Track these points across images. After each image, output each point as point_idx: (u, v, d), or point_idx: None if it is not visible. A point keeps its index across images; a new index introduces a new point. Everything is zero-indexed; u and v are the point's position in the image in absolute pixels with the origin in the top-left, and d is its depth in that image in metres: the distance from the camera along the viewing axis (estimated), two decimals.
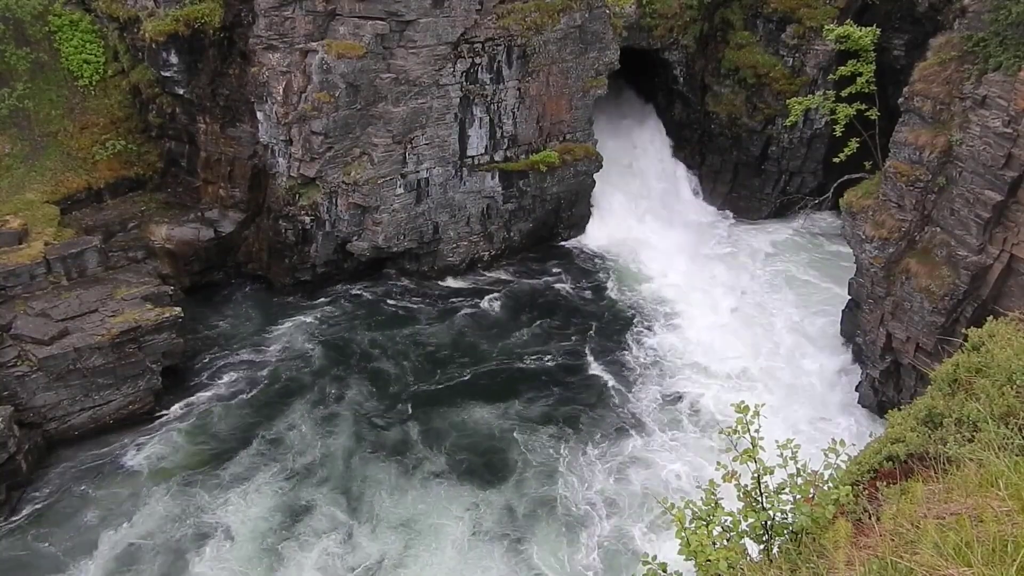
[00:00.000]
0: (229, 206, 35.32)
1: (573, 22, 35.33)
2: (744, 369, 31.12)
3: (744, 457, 6.53)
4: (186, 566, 23.05)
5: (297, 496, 25.46)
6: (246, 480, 25.93)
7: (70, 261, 29.20)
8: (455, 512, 24.95)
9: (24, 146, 32.59)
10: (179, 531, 24.08)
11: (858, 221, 27.40)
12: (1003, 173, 22.74)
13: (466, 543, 23.87)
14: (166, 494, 25.32)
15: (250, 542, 23.85)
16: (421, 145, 33.86)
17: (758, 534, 6.30)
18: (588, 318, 34.67)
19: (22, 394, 26.21)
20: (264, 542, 23.86)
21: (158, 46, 32.45)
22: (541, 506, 25.05)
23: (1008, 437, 6.49)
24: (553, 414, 28.97)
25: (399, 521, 24.61)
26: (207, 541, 23.80)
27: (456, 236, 36.99)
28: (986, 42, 23.49)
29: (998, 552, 4.64)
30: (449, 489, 25.80)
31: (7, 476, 24.57)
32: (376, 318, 34.43)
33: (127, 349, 27.63)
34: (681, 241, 39.87)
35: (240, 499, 25.24)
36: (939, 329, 24.83)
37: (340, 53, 31.20)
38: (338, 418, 28.74)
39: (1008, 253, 23.31)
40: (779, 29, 37.89)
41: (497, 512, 24.95)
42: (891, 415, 8.61)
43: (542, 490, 25.63)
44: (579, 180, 38.73)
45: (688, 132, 42.93)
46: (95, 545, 23.54)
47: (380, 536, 24.13)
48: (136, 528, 24.19)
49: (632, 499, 25.36)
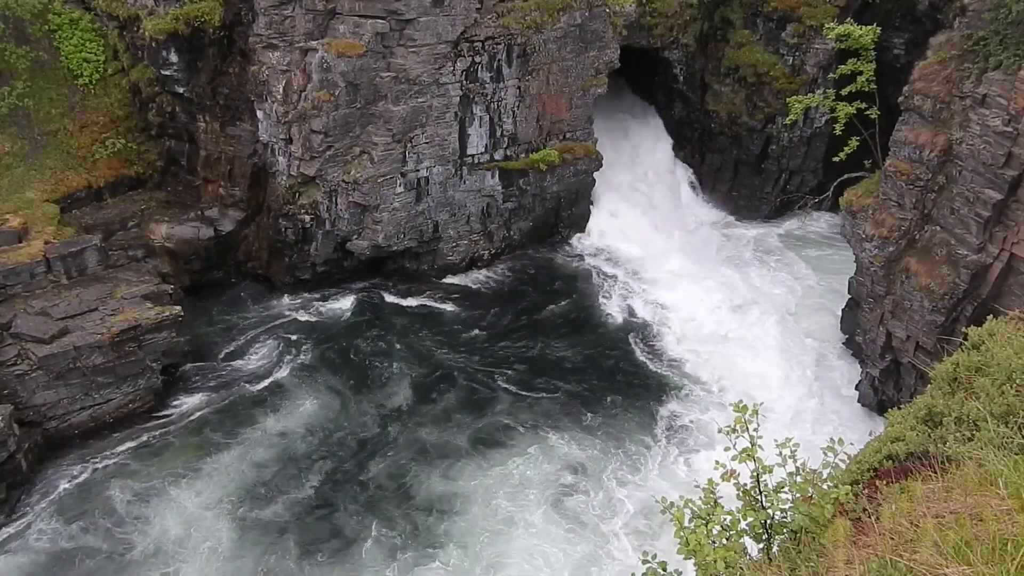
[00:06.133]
0: (229, 205, 35.30)
1: (573, 21, 35.30)
2: (742, 366, 31.09)
3: (743, 456, 6.53)
4: (185, 566, 23.07)
5: (298, 494, 25.50)
6: (246, 479, 25.93)
7: (70, 260, 29.17)
8: (471, 490, 25.64)
9: (24, 145, 32.58)
10: (178, 530, 24.09)
11: (858, 220, 27.39)
12: (1003, 172, 22.71)
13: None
14: (166, 493, 25.33)
15: (250, 540, 23.88)
16: (421, 144, 33.85)
17: (757, 533, 6.30)
18: (588, 317, 34.66)
19: (22, 393, 26.20)
20: (262, 542, 23.88)
21: (158, 45, 32.42)
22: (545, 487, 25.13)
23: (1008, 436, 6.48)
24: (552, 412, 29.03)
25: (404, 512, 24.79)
26: (206, 541, 23.81)
27: (456, 235, 36.98)
28: (986, 41, 23.47)
29: (997, 551, 4.64)
30: (462, 469, 26.52)
31: (7, 475, 24.55)
32: (376, 317, 34.42)
33: (127, 348, 27.62)
34: (681, 240, 39.87)
35: (240, 498, 25.25)
36: (939, 328, 24.81)
37: (340, 52, 31.19)
38: (338, 416, 28.75)
39: (1008, 252, 23.29)
40: (779, 28, 37.87)
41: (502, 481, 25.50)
42: (891, 414, 8.61)
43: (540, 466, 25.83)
44: (579, 179, 38.72)
45: (688, 131, 42.92)
46: (95, 544, 23.55)
47: (389, 525, 24.27)
48: (136, 528, 24.20)
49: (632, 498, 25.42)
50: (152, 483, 25.66)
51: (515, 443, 27.64)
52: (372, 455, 27.14)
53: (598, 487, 25.73)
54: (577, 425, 28.35)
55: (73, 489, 25.48)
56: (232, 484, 25.73)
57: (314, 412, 28.90)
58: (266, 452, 27.08)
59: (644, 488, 25.65)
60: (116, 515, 24.57)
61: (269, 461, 26.71)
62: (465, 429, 28.28)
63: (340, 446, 27.47)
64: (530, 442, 27.65)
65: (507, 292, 36.51)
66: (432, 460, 26.89)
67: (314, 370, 30.90)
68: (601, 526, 24.34)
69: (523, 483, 25.95)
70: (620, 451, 27.26)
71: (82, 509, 24.76)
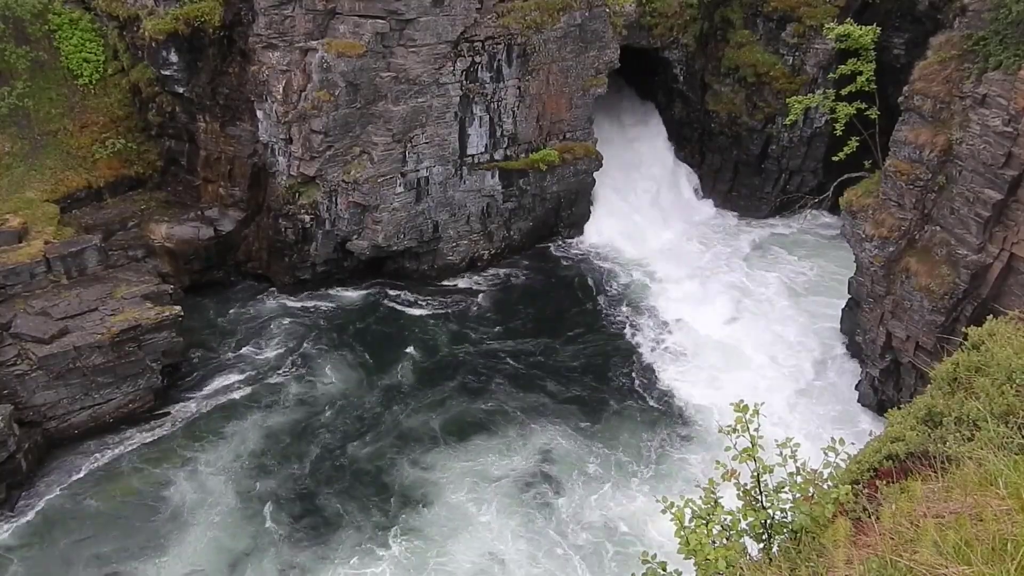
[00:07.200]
0: (229, 205, 35.30)
1: (573, 21, 35.31)
2: (743, 366, 31.10)
3: (743, 456, 6.53)
4: (185, 565, 23.08)
5: (297, 492, 25.52)
6: (247, 478, 25.95)
7: (70, 260, 29.17)
8: (461, 481, 25.97)
9: (24, 145, 32.58)
10: (178, 530, 24.10)
11: (858, 220, 27.39)
12: (1003, 172, 22.73)
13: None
14: (165, 492, 25.33)
15: (249, 540, 23.89)
16: (421, 144, 33.84)
17: (757, 533, 6.29)
18: (588, 317, 34.67)
19: (22, 393, 26.21)
20: (264, 548, 23.90)
21: (158, 45, 32.43)
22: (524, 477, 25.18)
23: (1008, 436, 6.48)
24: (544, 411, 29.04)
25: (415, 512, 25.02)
26: (206, 541, 23.82)
27: (456, 235, 36.98)
28: (986, 41, 23.48)
29: (997, 551, 4.64)
30: (459, 462, 26.80)
31: (7, 475, 24.58)
32: (376, 317, 34.43)
33: (127, 348, 27.62)
34: (681, 239, 39.87)
35: (240, 497, 25.27)
36: (939, 328, 24.82)
37: (340, 52, 31.19)
38: (338, 415, 28.77)
39: (1008, 252, 23.31)
40: (779, 28, 37.88)
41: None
42: (891, 414, 8.61)
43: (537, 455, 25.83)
44: (579, 179, 38.72)
45: (688, 131, 42.92)
46: (95, 544, 23.56)
47: (409, 527, 24.46)
48: (136, 527, 24.21)
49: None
50: (152, 482, 25.67)
51: (499, 441, 27.66)
52: (359, 453, 27.17)
53: (571, 495, 25.49)
54: (568, 426, 28.32)
55: (73, 488, 25.47)
56: (232, 483, 25.74)
57: (315, 409, 28.92)
58: (267, 450, 27.09)
59: (621, 501, 25.38)
60: (116, 514, 24.57)
61: (270, 459, 26.72)
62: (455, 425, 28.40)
63: (340, 443, 27.48)
64: (514, 441, 27.66)
65: (507, 292, 36.49)
66: (414, 457, 27.03)
67: (314, 369, 30.91)
68: (557, 535, 24.17)
69: (493, 479, 26.07)
70: (609, 458, 26.94)
71: (82, 509, 24.76)
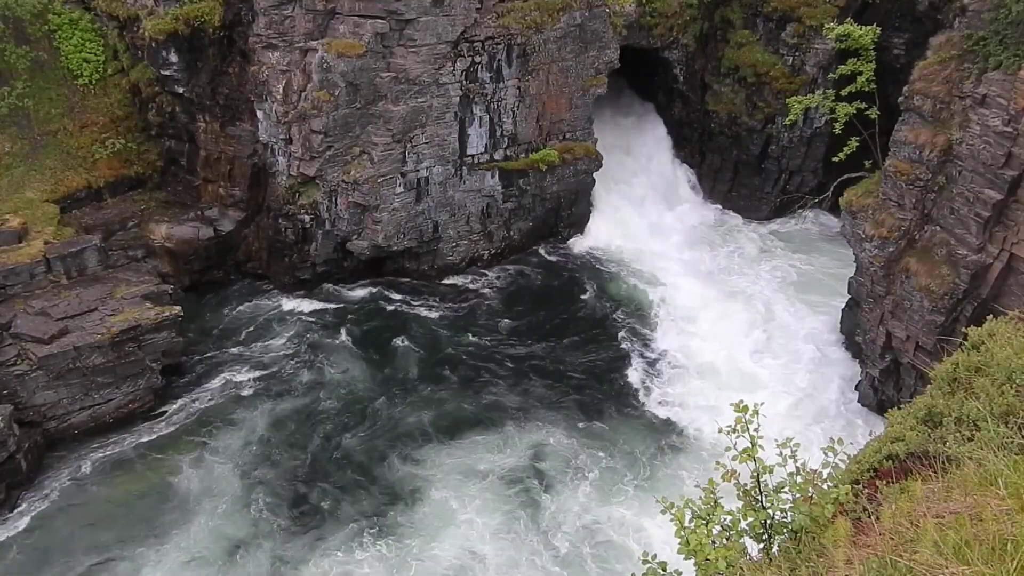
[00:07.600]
0: (229, 205, 35.30)
1: (573, 21, 35.30)
2: (743, 367, 31.10)
3: (743, 456, 6.52)
4: (183, 566, 23.07)
5: (292, 486, 25.54)
6: (247, 478, 25.95)
7: (70, 260, 29.18)
8: (459, 479, 26.07)
9: (24, 145, 32.57)
10: (178, 530, 24.09)
11: (858, 220, 27.39)
12: (1003, 172, 22.73)
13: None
14: (165, 492, 25.34)
15: (250, 537, 23.89)
16: (421, 144, 33.84)
17: (757, 533, 6.29)
18: (587, 317, 34.67)
19: (22, 393, 26.21)
20: (257, 539, 23.89)
21: (158, 45, 32.42)
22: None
23: (1008, 436, 6.47)
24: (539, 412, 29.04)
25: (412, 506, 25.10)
26: (206, 540, 23.82)
27: (456, 235, 36.97)
28: (986, 41, 23.47)
29: (997, 551, 4.64)
30: (451, 458, 26.97)
31: (7, 475, 24.58)
32: (376, 317, 34.42)
33: (127, 348, 27.63)
34: (680, 240, 39.85)
35: (240, 496, 25.26)
36: (939, 328, 24.82)
37: (340, 52, 31.18)
38: (338, 414, 28.77)
39: (1008, 252, 23.31)
40: (779, 28, 37.88)
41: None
42: (891, 414, 8.60)
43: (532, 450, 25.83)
44: (579, 179, 38.71)
45: (688, 131, 42.92)
46: (95, 544, 23.56)
47: (395, 523, 24.51)
48: (136, 527, 24.20)
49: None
50: (151, 480, 25.68)
51: (492, 440, 27.68)
52: (353, 449, 27.23)
53: (558, 498, 25.46)
54: (564, 427, 28.30)
55: (72, 488, 25.47)
56: (232, 482, 25.74)
57: (314, 408, 28.92)
58: (267, 450, 27.09)
59: (604, 506, 25.30)
60: (115, 514, 24.56)
61: (270, 458, 26.73)
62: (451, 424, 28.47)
63: (340, 442, 27.48)
64: (507, 441, 27.67)
65: (506, 292, 36.48)
66: (406, 453, 27.19)
67: (314, 368, 30.90)
68: (539, 540, 24.16)
69: (483, 477, 26.10)
70: (600, 462, 26.85)
71: (81, 508, 24.76)
